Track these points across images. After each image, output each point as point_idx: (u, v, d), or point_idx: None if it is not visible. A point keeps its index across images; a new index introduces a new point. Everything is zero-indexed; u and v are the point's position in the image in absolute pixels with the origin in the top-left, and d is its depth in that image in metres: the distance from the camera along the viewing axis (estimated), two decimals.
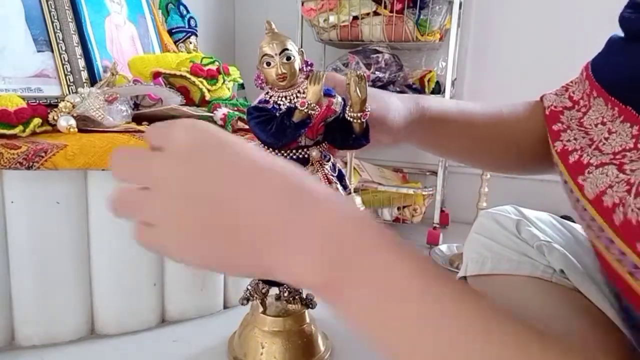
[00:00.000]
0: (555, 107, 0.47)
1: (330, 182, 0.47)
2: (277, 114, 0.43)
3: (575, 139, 0.42)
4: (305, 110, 0.41)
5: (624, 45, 0.40)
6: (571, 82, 0.48)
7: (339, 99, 0.46)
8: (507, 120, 0.54)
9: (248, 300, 0.54)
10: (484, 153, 0.56)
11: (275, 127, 0.42)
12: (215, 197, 0.25)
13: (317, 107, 0.42)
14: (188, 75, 0.83)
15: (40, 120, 0.63)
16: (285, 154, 0.45)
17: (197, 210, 0.25)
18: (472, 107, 0.53)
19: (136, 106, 0.80)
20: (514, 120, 0.53)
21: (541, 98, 0.50)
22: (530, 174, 0.58)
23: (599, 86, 0.42)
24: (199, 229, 0.25)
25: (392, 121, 0.47)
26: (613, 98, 0.40)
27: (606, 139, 0.39)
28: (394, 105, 0.48)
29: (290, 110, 0.42)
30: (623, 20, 0.41)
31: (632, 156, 0.35)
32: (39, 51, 0.74)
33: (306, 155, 0.46)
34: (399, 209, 1.44)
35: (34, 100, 0.68)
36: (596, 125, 0.41)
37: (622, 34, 0.42)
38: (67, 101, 0.67)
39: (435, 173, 1.48)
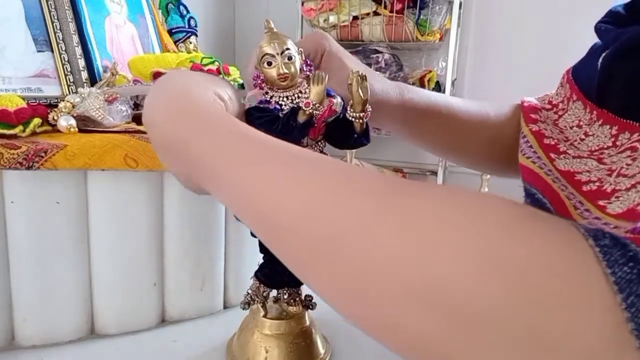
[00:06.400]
0: (535, 105, 0.48)
1: None
2: (280, 114, 0.43)
3: (551, 131, 0.43)
4: (310, 111, 0.41)
5: (602, 52, 0.41)
6: (553, 92, 0.49)
7: (339, 99, 0.46)
8: (491, 119, 0.54)
9: (249, 304, 0.54)
10: (467, 149, 0.56)
11: (280, 127, 0.42)
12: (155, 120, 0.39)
13: (321, 107, 0.42)
14: None
15: (40, 120, 0.63)
16: None
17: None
18: (456, 101, 0.53)
19: (136, 106, 0.80)
20: (501, 119, 0.54)
21: (521, 101, 0.51)
22: (512, 177, 0.58)
23: (578, 90, 0.42)
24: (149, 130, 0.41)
25: (378, 95, 0.48)
26: (591, 102, 0.40)
27: (582, 140, 0.39)
28: (380, 84, 0.49)
29: (295, 111, 0.42)
30: (596, 31, 0.42)
31: (611, 152, 0.35)
32: (39, 51, 0.74)
33: None
34: None
35: (34, 100, 0.68)
36: (571, 128, 0.41)
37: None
38: (67, 101, 0.66)
39: (435, 173, 1.48)
